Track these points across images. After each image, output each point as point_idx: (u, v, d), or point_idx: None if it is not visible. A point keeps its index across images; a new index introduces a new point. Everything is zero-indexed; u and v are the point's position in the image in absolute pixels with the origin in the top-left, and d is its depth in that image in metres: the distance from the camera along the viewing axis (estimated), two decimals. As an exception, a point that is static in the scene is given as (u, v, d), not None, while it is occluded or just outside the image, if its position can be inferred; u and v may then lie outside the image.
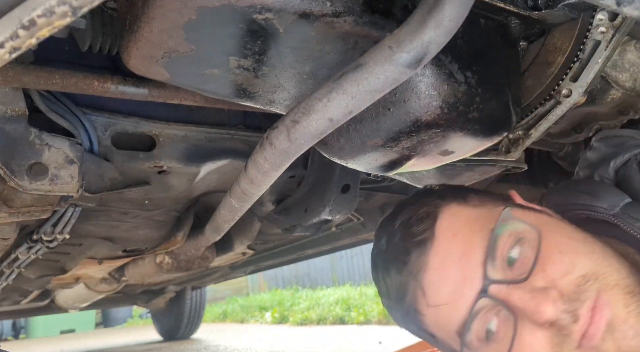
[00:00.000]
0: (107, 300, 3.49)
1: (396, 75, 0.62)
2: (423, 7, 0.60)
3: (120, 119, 1.13)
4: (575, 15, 0.85)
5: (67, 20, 0.41)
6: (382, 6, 0.72)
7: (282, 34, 0.71)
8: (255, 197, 1.05)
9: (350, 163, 0.90)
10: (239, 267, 3.06)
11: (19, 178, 0.98)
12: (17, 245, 1.49)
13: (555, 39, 0.90)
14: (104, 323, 9.39)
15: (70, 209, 1.26)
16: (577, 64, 0.88)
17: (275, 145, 0.76)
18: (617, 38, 0.86)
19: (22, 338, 8.20)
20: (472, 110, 0.80)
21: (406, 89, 0.77)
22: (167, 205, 1.45)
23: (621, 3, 0.64)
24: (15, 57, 0.44)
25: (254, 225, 1.80)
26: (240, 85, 0.82)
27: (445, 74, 0.77)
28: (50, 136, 1.01)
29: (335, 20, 0.69)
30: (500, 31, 0.86)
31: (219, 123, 1.26)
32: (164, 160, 1.18)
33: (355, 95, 0.64)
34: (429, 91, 0.77)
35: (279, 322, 6.40)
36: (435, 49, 0.61)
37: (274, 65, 0.78)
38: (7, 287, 2.14)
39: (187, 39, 0.70)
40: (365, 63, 0.62)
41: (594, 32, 0.85)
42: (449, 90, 0.77)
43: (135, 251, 1.89)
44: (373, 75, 0.62)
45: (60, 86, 0.92)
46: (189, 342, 5.02)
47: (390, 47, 0.61)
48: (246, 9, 0.65)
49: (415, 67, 0.62)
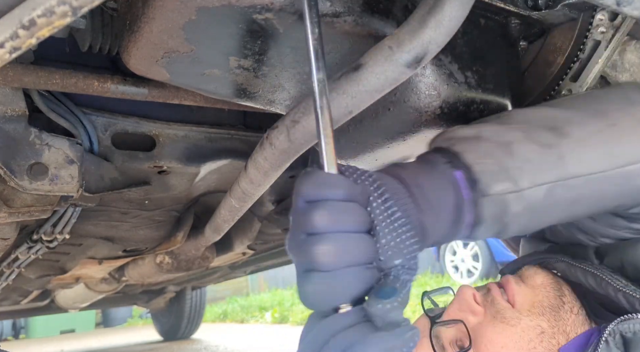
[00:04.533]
0: (107, 300, 3.49)
1: (396, 75, 0.62)
2: (423, 7, 0.60)
3: (120, 119, 1.13)
4: (575, 15, 0.85)
5: (67, 20, 0.41)
6: (382, 6, 0.72)
7: (282, 34, 0.71)
8: (255, 197, 1.05)
9: (351, 163, 0.90)
10: (239, 267, 3.06)
11: (19, 178, 0.98)
12: (17, 245, 1.49)
13: (555, 39, 0.90)
14: (104, 323, 9.39)
15: (70, 209, 1.26)
16: (577, 64, 0.88)
17: (275, 145, 0.76)
18: (617, 38, 0.86)
19: (22, 338, 8.20)
20: (472, 111, 0.81)
21: (406, 89, 0.77)
22: (167, 205, 1.45)
23: (621, 3, 0.64)
24: (15, 57, 0.44)
25: (254, 225, 1.80)
26: (240, 85, 0.82)
27: (445, 74, 0.77)
28: (50, 136, 1.01)
29: (335, 20, 0.69)
30: (500, 31, 0.86)
31: (219, 123, 1.26)
32: (164, 160, 1.18)
33: (355, 95, 0.64)
34: (429, 91, 0.77)
35: (279, 322, 6.40)
36: (435, 49, 0.61)
37: (274, 66, 0.78)
38: (7, 287, 2.14)
39: (187, 39, 0.70)
40: (365, 63, 0.62)
41: (594, 32, 0.85)
42: (449, 90, 0.78)
43: (135, 251, 1.89)
44: (373, 75, 0.62)
45: (60, 86, 0.92)
46: (189, 342, 5.02)
47: (390, 47, 0.61)
48: (246, 9, 0.65)
49: (415, 67, 0.62)
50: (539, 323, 0.79)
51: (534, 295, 0.83)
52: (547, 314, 0.80)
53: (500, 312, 0.81)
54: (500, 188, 0.63)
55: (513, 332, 0.79)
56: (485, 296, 0.85)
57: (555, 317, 0.81)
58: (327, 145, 0.55)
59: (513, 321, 0.80)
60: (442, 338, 0.83)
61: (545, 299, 0.82)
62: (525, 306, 0.81)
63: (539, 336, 0.79)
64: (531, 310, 0.81)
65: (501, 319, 0.80)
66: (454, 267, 6.66)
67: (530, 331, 0.79)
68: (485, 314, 0.82)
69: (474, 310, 0.83)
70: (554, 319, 0.80)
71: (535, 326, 0.79)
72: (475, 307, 0.83)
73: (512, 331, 0.79)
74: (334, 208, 0.53)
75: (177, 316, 4.90)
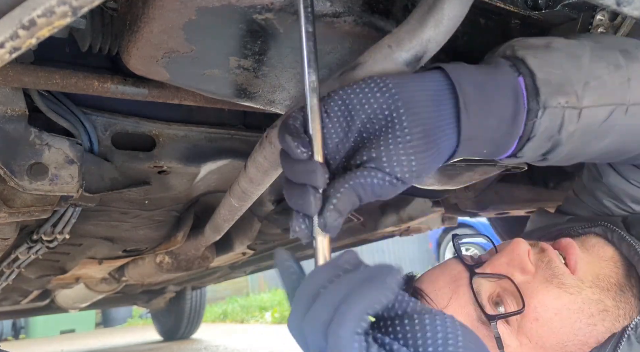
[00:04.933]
0: (107, 300, 3.49)
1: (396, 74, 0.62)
2: (422, 6, 0.60)
3: (120, 119, 1.13)
4: (575, 15, 0.85)
5: (67, 20, 0.41)
6: (382, 6, 0.72)
7: (282, 34, 0.71)
8: (255, 197, 1.05)
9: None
10: (239, 267, 3.06)
11: (19, 178, 0.98)
12: (17, 245, 1.49)
13: (555, 39, 0.90)
14: (104, 323, 9.39)
15: (70, 209, 1.26)
16: (577, 64, 0.88)
17: (275, 145, 0.76)
18: (617, 38, 0.86)
19: (22, 338, 8.20)
20: (472, 110, 0.80)
21: (406, 89, 0.77)
22: (167, 205, 1.45)
23: (621, 3, 0.64)
24: (15, 57, 0.44)
25: (254, 225, 1.80)
26: (240, 85, 0.82)
27: (445, 74, 0.77)
28: (50, 136, 1.01)
29: (335, 20, 0.69)
30: (500, 31, 0.86)
31: (219, 123, 1.26)
32: (164, 160, 1.18)
33: (355, 95, 0.64)
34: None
35: (279, 322, 6.39)
36: (434, 48, 0.61)
37: (274, 66, 0.78)
38: (7, 287, 2.14)
39: (187, 39, 0.70)
40: (365, 62, 0.62)
41: (594, 32, 0.85)
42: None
43: (135, 251, 1.89)
44: (373, 74, 0.62)
45: (60, 86, 0.92)
46: (189, 342, 5.02)
47: (390, 46, 0.61)
48: (246, 9, 0.65)
49: (415, 66, 0.62)
50: (603, 299, 0.71)
51: (600, 267, 0.74)
52: (613, 292, 0.72)
53: (558, 276, 0.72)
54: (562, 101, 0.58)
55: (572, 300, 0.70)
56: (540, 255, 0.76)
57: (622, 298, 0.72)
58: (314, 128, 0.54)
59: (572, 289, 0.71)
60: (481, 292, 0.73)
61: (614, 275, 0.74)
62: (589, 276, 0.73)
63: (601, 313, 0.70)
64: (596, 282, 0.72)
65: (558, 283, 0.72)
66: (454, 267, 6.66)
67: (592, 305, 0.70)
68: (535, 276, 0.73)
69: (525, 268, 0.73)
70: (620, 299, 0.72)
71: (598, 300, 0.71)
72: (528, 264, 0.73)
73: (571, 299, 0.70)
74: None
75: (177, 316, 4.90)
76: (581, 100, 0.59)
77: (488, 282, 0.75)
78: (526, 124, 0.59)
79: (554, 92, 0.59)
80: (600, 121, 0.61)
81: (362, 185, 0.52)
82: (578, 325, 0.70)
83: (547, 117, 0.58)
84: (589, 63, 0.62)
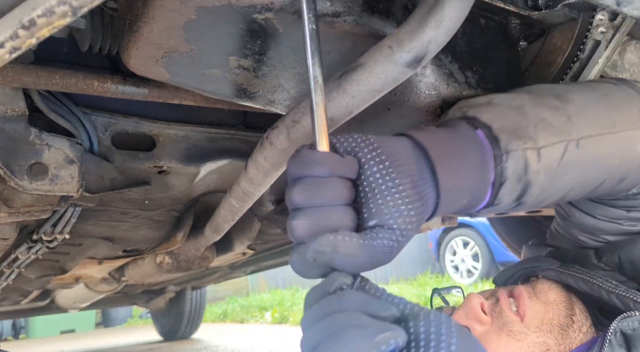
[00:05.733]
0: (107, 300, 3.49)
1: (396, 74, 0.62)
2: (423, 7, 0.60)
3: (120, 119, 1.13)
4: (575, 15, 0.85)
5: (67, 20, 0.41)
6: (382, 6, 0.72)
7: (282, 34, 0.71)
8: (255, 197, 1.05)
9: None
10: (239, 267, 3.05)
11: (19, 178, 0.98)
12: (17, 245, 1.49)
13: (555, 39, 0.90)
14: (104, 323, 9.38)
15: (70, 209, 1.26)
16: (577, 64, 0.88)
17: (276, 145, 0.76)
18: (617, 38, 0.86)
19: (22, 338, 8.20)
20: (472, 110, 0.80)
21: (406, 89, 0.77)
22: (167, 205, 1.45)
23: (621, 3, 0.64)
24: (15, 57, 0.44)
25: (254, 225, 1.80)
26: (240, 85, 0.82)
27: (446, 74, 0.77)
28: (50, 136, 1.01)
29: (335, 20, 0.69)
30: (500, 31, 0.86)
31: (219, 123, 1.26)
32: (164, 160, 1.18)
33: (355, 95, 0.64)
34: (429, 91, 0.77)
35: (279, 322, 6.39)
36: (435, 49, 0.61)
37: (274, 65, 0.78)
38: (7, 287, 2.14)
39: (187, 39, 0.70)
40: (365, 63, 0.62)
41: (594, 32, 0.85)
42: (449, 90, 0.78)
43: (135, 251, 1.89)
44: (373, 75, 0.62)
45: (60, 86, 0.92)
46: (189, 342, 5.02)
47: (390, 47, 0.61)
48: (246, 9, 0.65)
49: (415, 67, 0.62)
50: (546, 340, 0.79)
51: (545, 311, 0.82)
52: (555, 332, 0.80)
53: (508, 324, 0.80)
54: (520, 143, 0.64)
55: (518, 347, 0.79)
56: (494, 305, 0.84)
57: (563, 335, 0.80)
58: (318, 123, 0.55)
59: (520, 336, 0.79)
60: None
61: (556, 317, 0.82)
62: (535, 322, 0.81)
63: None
64: (540, 327, 0.80)
65: (507, 332, 0.80)
66: (454, 267, 6.66)
67: (536, 347, 0.79)
68: (492, 324, 0.82)
69: (480, 319, 0.82)
70: (561, 338, 0.80)
71: (541, 343, 0.79)
72: (482, 316, 0.82)
73: (518, 346, 0.79)
74: (310, 184, 0.53)
75: (177, 316, 4.90)
76: (536, 141, 0.65)
77: None
78: (495, 170, 0.63)
79: (511, 137, 0.64)
80: (558, 158, 0.67)
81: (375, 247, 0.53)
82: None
83: (511, 160, 0.64)
84: (532, 110, 0.69)
